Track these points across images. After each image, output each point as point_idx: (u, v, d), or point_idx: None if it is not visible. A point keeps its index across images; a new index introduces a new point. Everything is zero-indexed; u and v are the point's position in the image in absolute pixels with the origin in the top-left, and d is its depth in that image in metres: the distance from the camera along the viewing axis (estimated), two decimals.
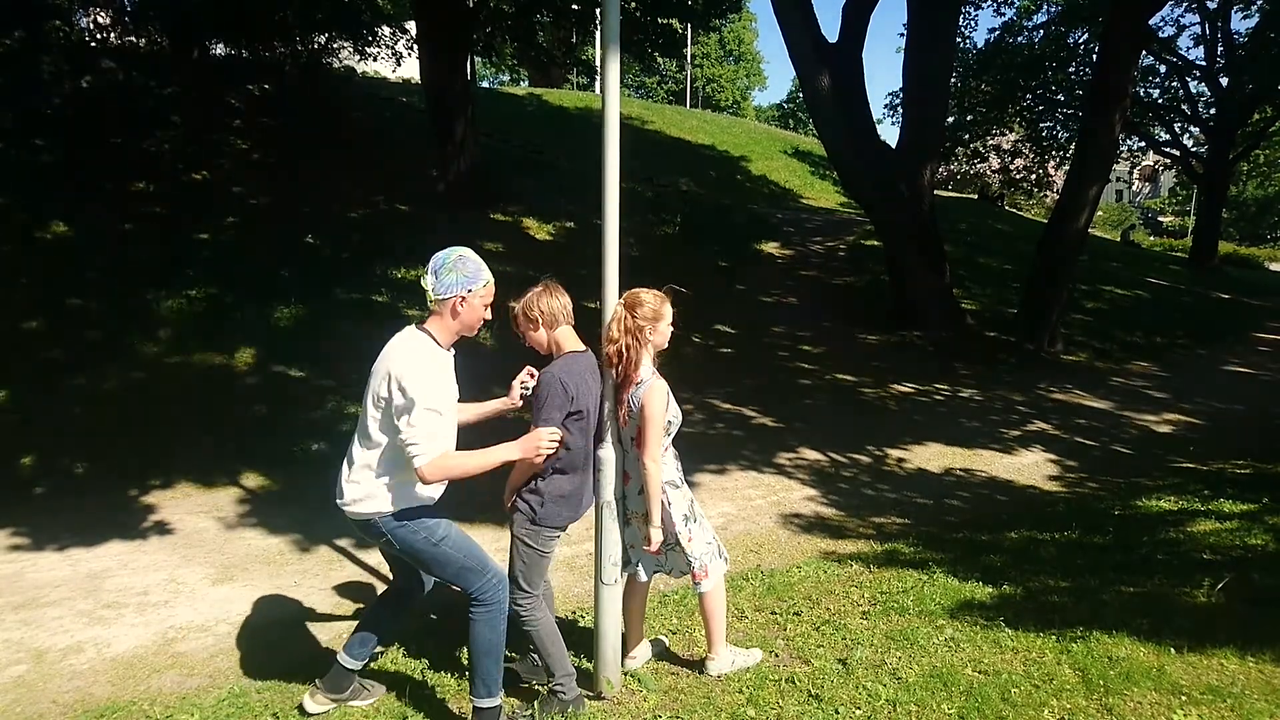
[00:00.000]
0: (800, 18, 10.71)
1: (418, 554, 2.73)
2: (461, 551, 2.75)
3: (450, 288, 2.64)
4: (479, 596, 2.76)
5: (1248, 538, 4.82)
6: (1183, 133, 24.79)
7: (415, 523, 2.69)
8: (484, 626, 2.76)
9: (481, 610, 2.76)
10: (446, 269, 2.66)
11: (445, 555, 2.72)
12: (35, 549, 4.68)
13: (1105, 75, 11.31)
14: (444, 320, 2.69)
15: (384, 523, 2.67)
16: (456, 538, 2.76)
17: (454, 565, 2.73)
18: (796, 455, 6.92)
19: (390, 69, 17.77)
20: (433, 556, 2.73)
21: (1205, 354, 12.51)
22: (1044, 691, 3.11)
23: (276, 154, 12.08)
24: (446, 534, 2.74)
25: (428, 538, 2.70)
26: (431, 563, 2.75)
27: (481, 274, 2.70)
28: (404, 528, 2.68)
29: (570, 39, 20.54)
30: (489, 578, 2.77)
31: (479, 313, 2.72)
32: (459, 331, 2.73)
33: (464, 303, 2.67)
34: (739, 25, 49.60)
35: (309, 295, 8.83)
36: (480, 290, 2.69)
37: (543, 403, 2.81)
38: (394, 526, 2.67)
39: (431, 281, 2.66)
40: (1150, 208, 55.91)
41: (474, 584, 2.75)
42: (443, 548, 2.72)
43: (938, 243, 11.76)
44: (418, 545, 2.70)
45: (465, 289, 2.66)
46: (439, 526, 2.73)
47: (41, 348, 7.09)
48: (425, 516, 2.71)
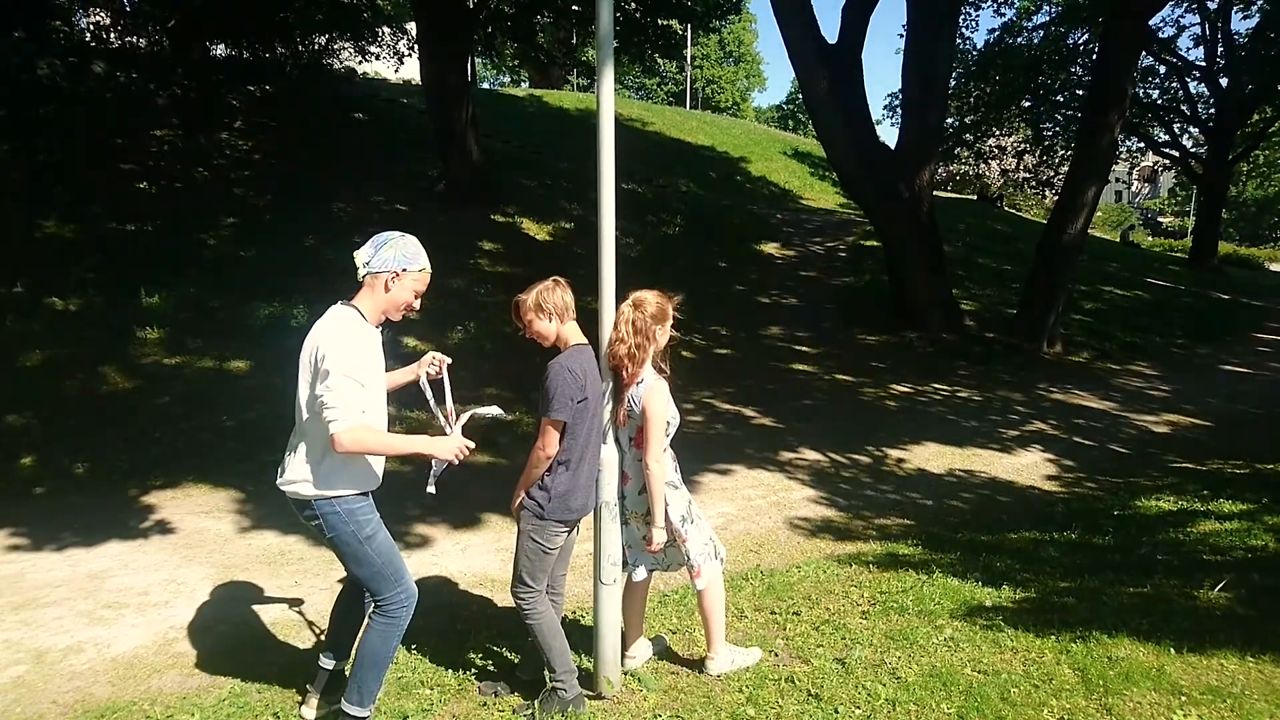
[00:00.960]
0: (800, 19, 10.72)
1: (343, 545, 2.73)
2: (383, 557, 2.75)
3: (386, 263, 2.67)
4: (384, 606, 2.77)
5: (1247, 538, 4.82)
6: (1182, 133, 24.80)
7: (348, 514, 2.69)
8: (378, 637, 2.77)
9: (381, 621, 2.78)
10: (387, 245, 2.69)
11: (367, 555, 2.73)
12: (35, 549, 4.67)
13: (1105, 76, 11.33)
14: (374, 295, 2.71)
15: (318, 505, 2.68)
16: (383, 542, 2.77)
17: (372, 567, 2.74)
18: (796, 455, 6.93)
19: (391, 69, 17.79)
20: (355, 552, 2.73)
21: (1205, 354, 12.52)
22: (1043, 691, 3.11)
23: (276, 154, 12.09)
24: (374, 534, 2.74)
25: (355, 532, 2.70)
26: (352, 558, 2.75)
27: (419, 259, 2.73)
28: (336, 515, 2.68)
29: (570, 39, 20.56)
30: (399, 591, 2.78)
31: (408, 295, 2.73)
32: (385, 310, 2.74)
33: (396, 279, 2.68)
34: (739, 26, 49.60)
35: (309, 295, 8.83)
36: (415, 273, 2.71)
37: (554, 393, 2.81)
38: (328, 511, 2.68)
39: (369, 254, 2.68)
40: (1150, 208, 55.90)
41: (384, 592, 2.76)
42: (366, 547, 2.72)
43: (937, 243, 11.76)
44: (344, 536, 2.70)
45: (400, 267, 2.68)
46: (369, 525, 2.73)
47: (41, 348, 7.09)
48: (360, 512, 2.72)
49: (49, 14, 10.01)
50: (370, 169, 12.65)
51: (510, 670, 3.32)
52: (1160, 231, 46.21)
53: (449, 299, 9.34)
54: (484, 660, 3.47)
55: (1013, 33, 22.63)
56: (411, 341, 8.49)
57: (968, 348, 11.02)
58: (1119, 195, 57.73)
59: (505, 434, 6.98)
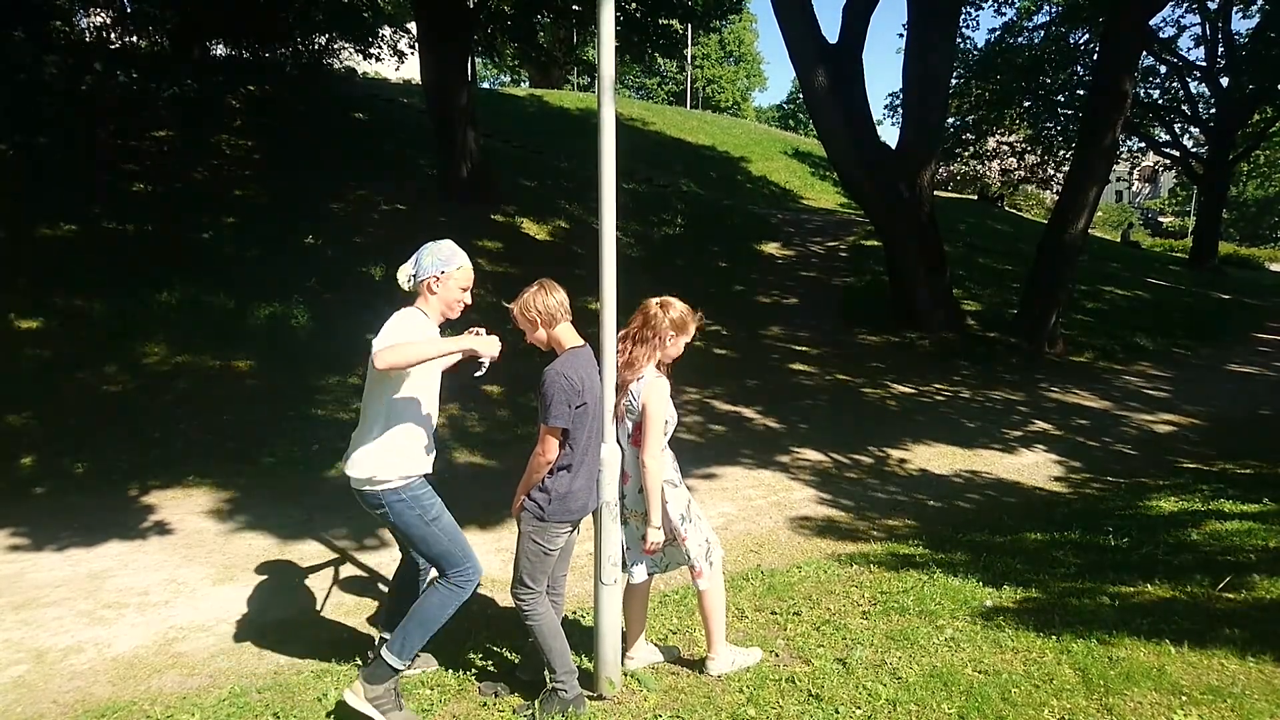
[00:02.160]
0: (801, 19, 10.71)
1: (410, 529, 2.88)
2: (449, 536, 2.92)
3: (426, 270, 2.87)
4: (453, 576, 2.91)
5: (1249, 538, 4.82)
6: (1183, 133, 24.80)
7: (413, 499, 2.86)
8: (438, 600, 2.90)
9: (447, 587, 2.91)
10: (425, 254, 2.90)
11: (434, 535, 2.89)
12: (35, 549, 4.67)
13: (1105, 76, 11.32)
14: (427, 301, 2.91)
15: (383, 494, 2.83)
16: (448, 523, 2.93)
17: (440, 546, 2.90)
18: (797, 455, 6.92)
19: (392, 69, 17.80)
20: (423, 535, 2.89)
21: (1205, 354, 12.51)
22: (1044, 691, 3.11)
23: (276, 154, 12.09)
24: (439, 516, 2.91)
25: (421, 515, 2.87)
26: (420, 540, 2.91)
27: (456, 257, 2.91)
28: (401, 502, 2.84)
29: (570, 39, 20.57)
30: (467, 566, 2.93)
31: (455, 293, 2.91)
32: (442, 311, 2.93)
33: (439, 281, 2.87)
34: (739, 26, 49.58)
35: (309, 295, 8.84)
36: (454, 272, 2.89)
37: (551, 400, 2.81)
38: (393, 500, 2.84)
39: (412, 267, 2.90)
40: (1150, 208, 55.90)
41: (452, 566, 2.91)
42: (433, 528, 2.88)
43: (938, 243, 11.76)
44: (411, 521, 2.86)
45: (439, 270, 2.86)
46: (433, 508, 2.90)
47: (41, 347, 7.09)
48: (424, 497, 2.88)
49: (49, 14, 10.01)
50: (370, 169, 12.66)
51: (510, 670, 3.32)
52: (1160, 231, 46.22)
53: None
54: (484, 661, 3.46)
55: (1013, 33, 22.65)
56: None
57: (969, 348, 11.02)
58: (1119, 195, 57.73)
59: (505, 434, 6.98)
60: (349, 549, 4.78)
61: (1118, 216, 48.82)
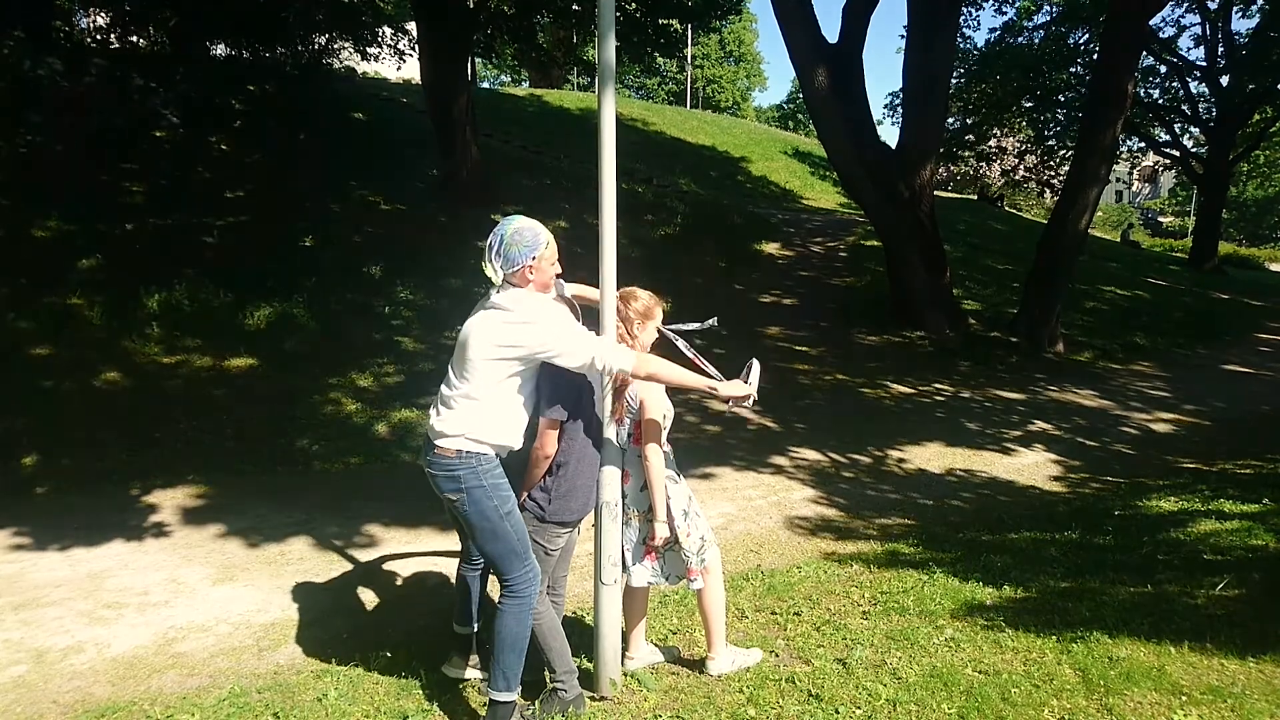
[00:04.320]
0: (800, 18, 10.71)
1: (483, 517, 2.76)
2: (518, 533, 2.81)
3: (515, 260, 2.76)
4: (513, 586, 2.81)
5: (1248, 538, 4.82)
6: (1183, 133, 24.80)
7: (493, 489, 2.75)
8: (512, 619, 2.80)
9: (512, 602, 2.81)
10: (508, 245, 2.76)
11: (505, 531, 2.77)
12: (35, 549, 4.67)
13: (1105, 76, 11.32)
14: (524, 286, 2.81)
15: (467, 474, 2.73)
16: (519, 520, 2.83)
17: (507, 544, 2.78)
18: (797, 455, 6.92)
19: (392, 69, 17.80)
20: (493, 528, 2.76)
21: (1205, 354, 12.51)
22: (1044, 691, 3.11)
23: (276, 154, 12.09)
24: (513, 511, 2.81)
25: (498, 506, 2.76)
26: (489, 533, 2.78)
27: (541, 236, 2.80)
28: (481, 488, 2.74)
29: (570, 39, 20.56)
30: (528, 569, 2.82)
31: (549, 273, 2.84)
32: (538, 292, 2.85)
33: (534, 269, 2.78)
34: (739, 26, 49.62)
35: (309, 295, 8.84)
36: (545, 251, 2.79)
37: (545, 392, 2.88)
38: (477, 484, 2.74)
39: (498, 262, 2.77)
40: (1150, 208, 55.89)
41: (514, 570, 2.80)
42: (506, 523, 2.77)
43: (938, 243, 11.76)
44: (487, 510, 2.75)
45: (531, 256, 2.76)
46: (510, 500, 2.80)
47: (41, 347, 7.09)
48: (504, 487, 2.78)
49: (49, 14, 10.01)
50: (370, 169, 12.66)
51: None
52: (1160, 231, 46.22)
53: (448, 298, 9.35)
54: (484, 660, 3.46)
55: (1013, 32, 22.65)
56: (409, 343, 8.50)
57: (968, 347, 11.02)
58: (1119, 195, 57.72)
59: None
60: (348, 548, 4.78)
61: (1118, 216, 48.81)
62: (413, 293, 9.49)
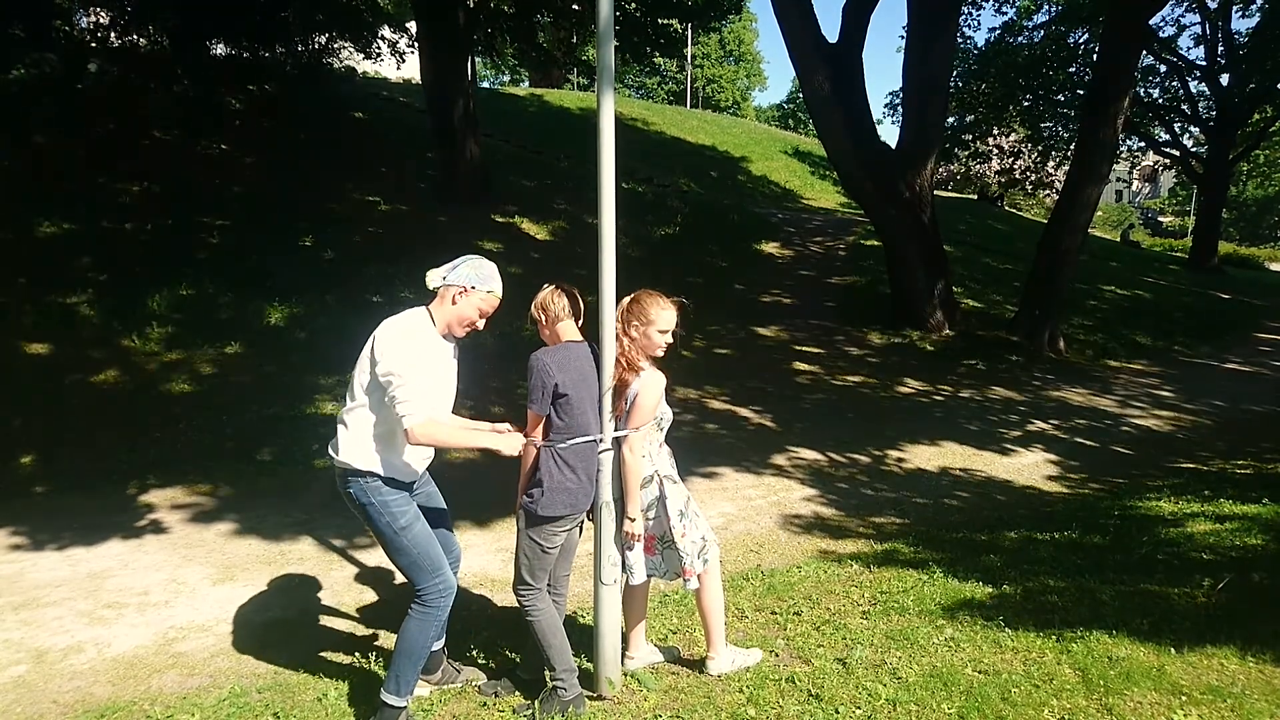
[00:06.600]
0: (800, 18, 10.71)
1: (380, 534, 2.85)
2: (419, 548, 2.84)
3: (458, 278, 2.81)
4: (424, 596, 2.85)
5: (1248, 538, 4.82)
6: (1183, 133, 24.81)
7: (382, 506, 2.80)
8: (416, 626, 2.85)
9: (419, 610, 2.86)
10: (465, 263, 2.85)
11: (404, 545, 2.83)
12: (35, 549, 4.67)
13: (1105, 75, 11.32)
14: (442, 306, 2.84)
15: (357, 492, 2.80)
16: (420, 533, 2.86)
17: (409, 557, 2.84)
18: (796, 455, 6.92)
19: (392, 69, 17.80)
20: (391, 542, 2.84)
21: (1205, 354, 12.52)
22: (1044, 691, 3.11)
23: (276, 154, 12.09)
24: (409, 525, 2.83)
25: (390, 523, 2.81)
26: (390, 546, 2.86)
27: (491, 281, 2.85)
28: (372, 506, 2.80)
29: (570, 39, 20.56)
30: (437, 581, 2.86)
31: (472, 313, 2.84)
32: (449, 323, 2.85)
33: (464, 295, 2.81)
34: (739, 26, 49.61)
35: (308, 295, 8.84)
36: (482, 292, 2.83)
37: (529, 386, 2.90)
38: (365, 501, 2.80)
39: (447, 269, 2.84)
40: (1150, 208, 55.89)
41: (422, 582, 2.85)
42: (403, 537, 2.82)
43: (938, 243, 11.76)
44: (380, 526, 2.82)
45: (470, 284, 2.81)
46: (403, 516, 2.83)
47: (41, 347, 7.09)
48: (394, 504, 2.81)
49: (49, 13, 10.01)
50: (370, 169, 12.66)
51: (510, 670, 3.32)
52: (1160, 231, 46.22)
53: None
54: (484, 660, 3.47)
55: (1013, 32, 22.65)
56: None
57: (968, 347, 11.02)
58: (1119, 195, 57.72)
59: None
60: (348, 548, 4.78)
61: (1118, 216, 48.83)
62: (413, 292, 9.49)
